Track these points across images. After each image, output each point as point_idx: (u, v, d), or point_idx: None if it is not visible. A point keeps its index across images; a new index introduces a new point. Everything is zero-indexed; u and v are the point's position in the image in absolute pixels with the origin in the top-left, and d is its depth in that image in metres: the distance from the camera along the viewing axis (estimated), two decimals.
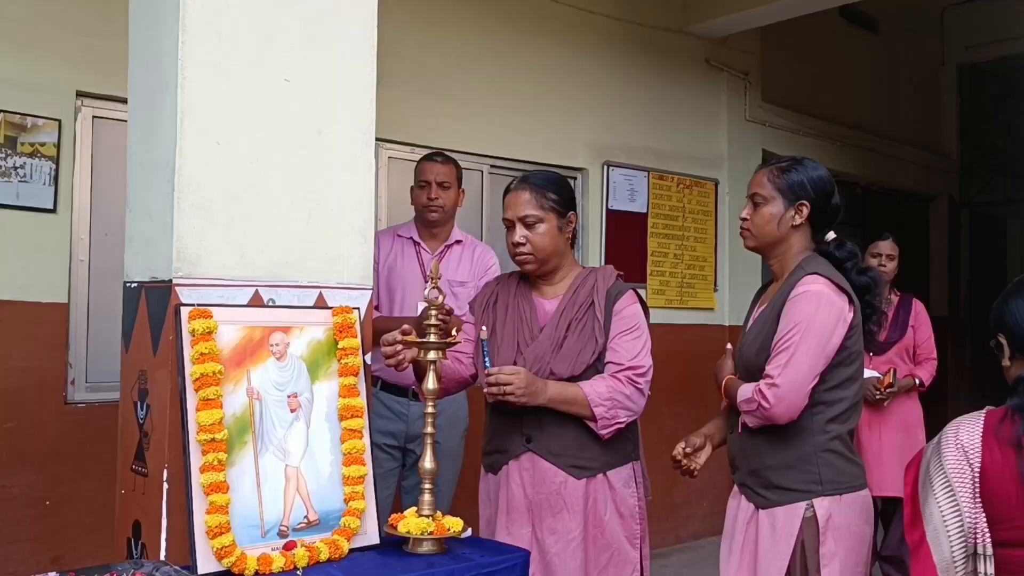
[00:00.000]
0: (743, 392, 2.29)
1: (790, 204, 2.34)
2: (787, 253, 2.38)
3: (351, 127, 2.36)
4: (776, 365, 2.21)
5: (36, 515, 3.41)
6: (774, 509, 2.26)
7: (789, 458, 2.26)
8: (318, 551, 2.03)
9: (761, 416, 2.23)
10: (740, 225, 2.44)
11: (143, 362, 2.14)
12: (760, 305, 2.45)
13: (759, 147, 6.33)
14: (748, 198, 2.41)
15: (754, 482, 2.32)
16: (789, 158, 2.43)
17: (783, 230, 2.36)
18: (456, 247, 3.61)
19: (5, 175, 3.36)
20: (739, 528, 2.33)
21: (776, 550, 2.23)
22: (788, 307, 2.25)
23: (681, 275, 5.77)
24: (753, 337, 2.37)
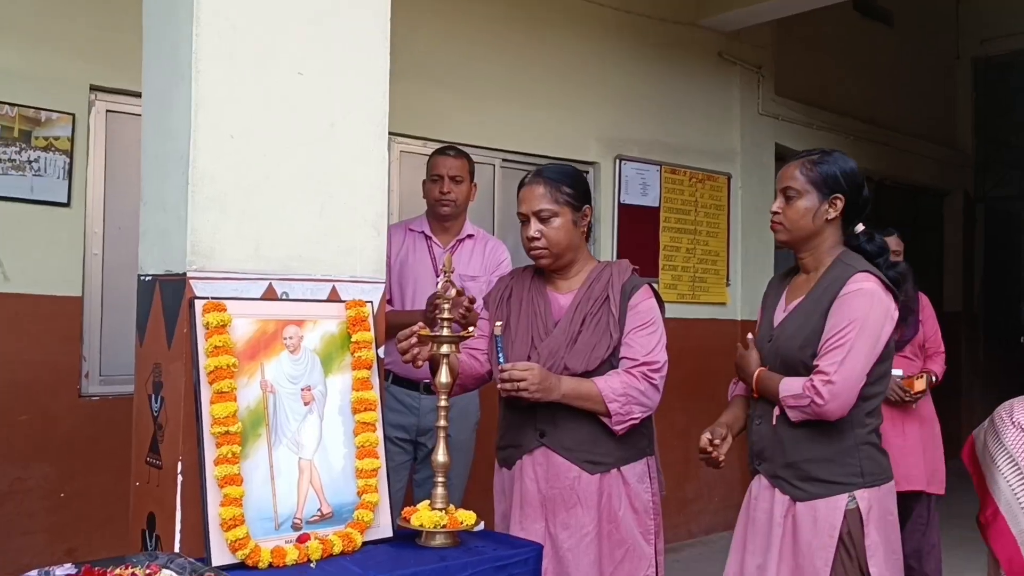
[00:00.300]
0: (790, 387, 2.28)
1: (824, 198, 2.34)
2: (820, 247, 2.38)
3: (364, 120, 2.36)
4: (832, 362, 2.22)
5: (50, 507, 3.43)
6: (815, 502, 2.27)
7: (830, 451, 2.27)
8: (331, 544, 2.03)
9: (812, 412, 2.24)
10: (772, 219, 2.42)
11: (157, 355, 2.15)
12: (792, 298, 2.43)
13: (772, 141, 6.31)
14: (779, 192, 2.40)
15: (792, 475, 2.31)
16: (818, 151, 2.42)
17: (818, 224, 2.35)
18: (468, 241, 3.60)
19: (19, 169, 3.37)
20: (776, 522, 2.32)
21: (819, 542, 2.24)
22: (840, 304, 2.26)
23: (693, 269, 5.75)
24: (794, 331, 2.35)
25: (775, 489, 2.35)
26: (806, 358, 2.29)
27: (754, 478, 2.44)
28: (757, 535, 2.38)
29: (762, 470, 2.40)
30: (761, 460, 2.40)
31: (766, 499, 2.38)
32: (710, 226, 5.85)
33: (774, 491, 2.36)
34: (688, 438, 5.80)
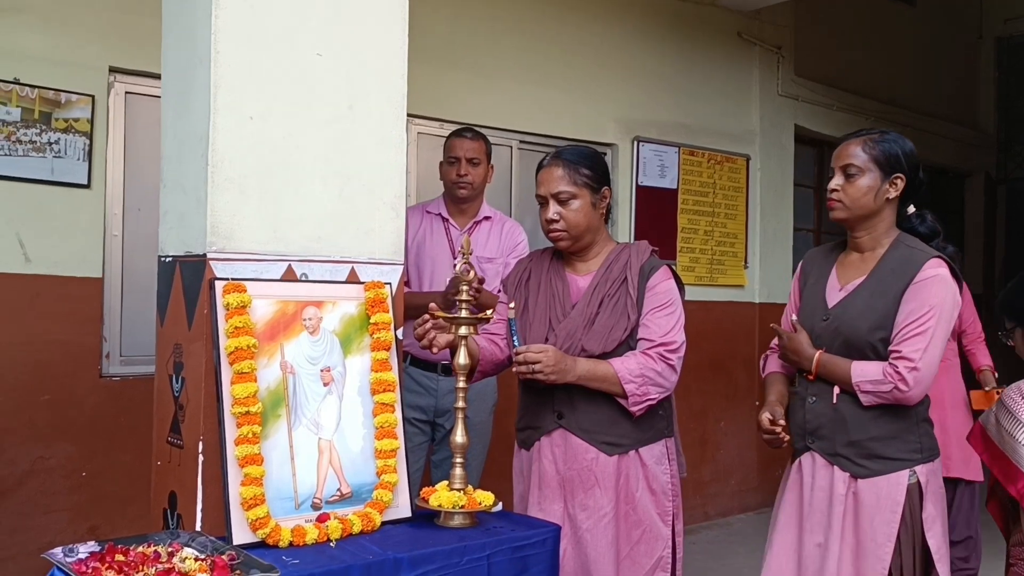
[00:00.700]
0: (865, 372, 2.29)
1: (886, 177, 2.34)
2: (878, 227, 2.38)
3: (383, 102, 2.36)
4: (916, 348, 2.24)
5: (73, 486, 3.47)
6: (876, 479, 2.31)
7: (893, 429, 2.31)
8: (351, 523, 2.05)
9: (893, 398, 2.27)
10: (829, 196, 2.40)
11: (178, 335, 2.17)
12: (848, 278, 2.42)
13: (791, 122, 6.25)
14: (839, 169, 2.38)
15: (854, 453, 2.33)
16: (877, 130, 2.42)
17: (878, 203, 2.36)
18: (485, 223, 3.60)
19: (40, 151, 3.39)
20: (836, 499, 2.34)
21: (882, 517, 2.28)
22: (919, 289, 2.27)
23: (711, 252, 5.72)
24: (860, 311, 2.35)
25: (834, 467, 2.36)
26: (875, 340, 2.31)
27: (802, 456, 2.44)
28: (815, 513, 2.38)
29: (817, 448, 2.40)
30: (816, 438, 2.40)
31: (824, 477, 2.38)
32: (728, 208, 5.82)
33: (833, 469, 2.37)
34: (705, 420, 5.81)
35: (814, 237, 6.85)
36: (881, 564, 2.27)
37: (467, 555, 2.03)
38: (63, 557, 1.74)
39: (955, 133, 8.37)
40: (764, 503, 5.90)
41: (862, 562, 2.30)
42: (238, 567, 1.72)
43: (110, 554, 1.75)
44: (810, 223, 6.86)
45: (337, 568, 1.84)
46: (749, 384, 5.87)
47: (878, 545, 2.27)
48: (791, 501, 2.47)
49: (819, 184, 6.92)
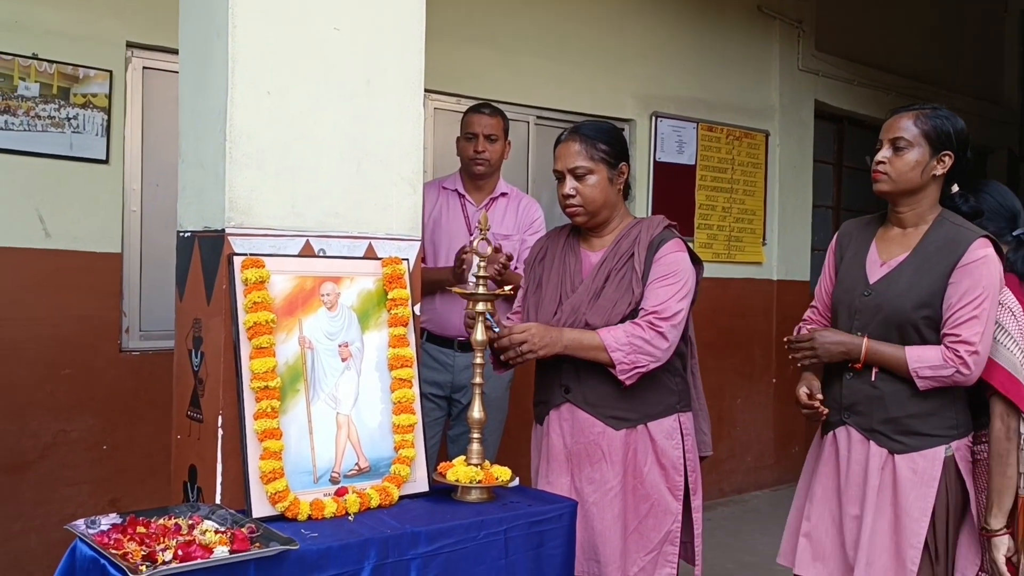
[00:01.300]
0: (923, 357, 2.28)
1: (935, 153, 2.33)
2: (922, 203, 2.37)
3: (400, 76, 2.35)
4: (975, 332, 2.23)
5: (94, 459, 3.51)
6: (913, 454, 2.32)
7: (932, 406, 2.31)
8: (369, 497, 2.06)
9: (954, 381, 2.27)
10: (874, 168, 2.37)
11: (197, 310, 2.18)
12: (890, 253, 2.40)
13: (812, 98, 6.18)
14: (887, 141, 2.36)
15: (891, 429, 2.34)
16: (930, 105, 2.39)
17: (924, 179, 2.34)
18: (501, 199, 3.59)
19: (59, 126, 3.40)
20: (872, 474, 2.35)
21: (918, 492, 2.29)
22: (971, 271, 2.26)
23: (729, 228, 5.69)
24: (904, 289, 2.33)
25: (870, 442, 2.37)
26: (918, 318, 2.30)
27: (837, 429, 2.44)
28: (851, 486, 2.40)
29: (853, 423, 2.40)
30: (852, 414, 2.40)
31: (860, 452, 2.39)
32: (747, 184, 5.78)
33: (869, 444, 2.37)
34: (722, 397, 5.79)
35: (833, 214, 6.80)
36: (916, 538, 2.28)
37: (484, 530, 2.04)
38: (86, 529, 1.76)
39: (978, 108, 8.25)
40: (780, 480, 5.90)
41: (898, 535, 2.31)
42: (258, 540, 1.74)
43: (132, 526, 1.77)
44: (829, 200, 6.80)
45: (355, 542, 1.86)
46: (766, 362, 5.85)
47: (914, 520, 2.29)
48: (827, 474, 2.47)
49: (839, 160, 6.86)
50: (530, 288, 2.60)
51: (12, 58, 3.30)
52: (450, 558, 1.98)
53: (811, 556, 2.47)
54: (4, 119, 3.28)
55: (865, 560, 2.32)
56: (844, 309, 2.44)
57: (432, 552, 1.95)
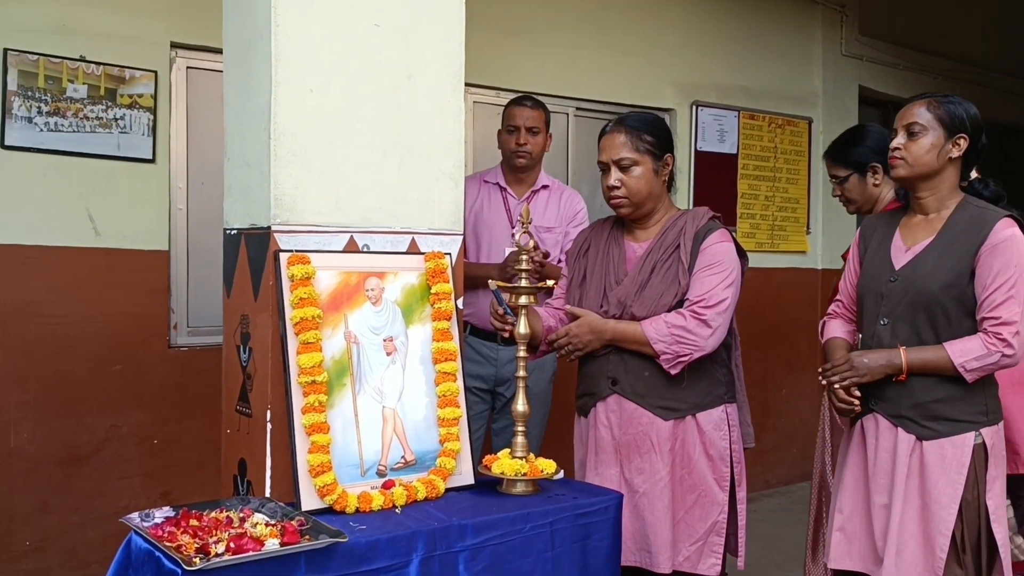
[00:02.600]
0: (967, 350, 2.25)
1: (949, 136, 2.35)
2: (941, 186, 2.38)
3: (441, 71, 2.36)
4: (1014, 312, 2.23)
5: (145, 453, 3.58)
6: (941, 440, 2.30)
7: (960, 391, 2.30)
8: (415, 490, 2.08)
9: (1000, 366, 2.26)
10: (891, 154, 2.40)
11: (244, 306, 2.21)
12: (914, 239, 2.40)
13: (856, 83, 6.08)
14: (902, 128, 2.39)
15: (918, 415, 2.33)
16: (940, 94, 2.42)
17: (940, 162, 2.36)
18: (543, 192, 3.58)
19: (106, 127, 3.46)
20: (900, 461, 2.34)
21: (948, 478, 2.28)
22: (1000, 251, 2.26)
23: (772, 217, 5.62)
24: (931, 271, 2.33)
25: (898, 429, 2.36)
26: (946, 299, 2.30)
27: (865, 417, 2.43)
28: (879, 475, 2.39)
29: (881, 410, 2.39)
30: (880, 400, 2.39)
31: (888, 439, 2.37)
32: (790, 173, 5.70)
33: (897, 431, 2.36)
34: (765, 388, 5.73)
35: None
36: (945, 525, 2.26)
37: (530, 522, 2.05)
38: (140, 521, 1.80)
39: None
40: None
41: (927, 523, 2.29)
42: (307, 532, 1.76)
43: (184, 519, 1.80)
44: None
45: (403, 534, 1.87)
46: (811, 352, 5.78)
47: (942, 507, 2.27)
48: (856, 463, 2.47)
49: None
50: (574, 280, 2.60)
51: (61, 61, 3.36)
52: (497, 550, 1.99)
53: (844, 549, 2.46)
54: (54, 120, 3.35)
55: (894, 549, 2.31)
56: (871, 297, 2.43)
57: (479, 544, 1.96)
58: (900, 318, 2.35)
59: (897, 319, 2.36)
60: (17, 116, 3.28)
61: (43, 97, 3.33)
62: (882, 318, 2.38)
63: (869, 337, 2.42)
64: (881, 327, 2.38)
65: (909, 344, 2.33)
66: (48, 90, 3.34)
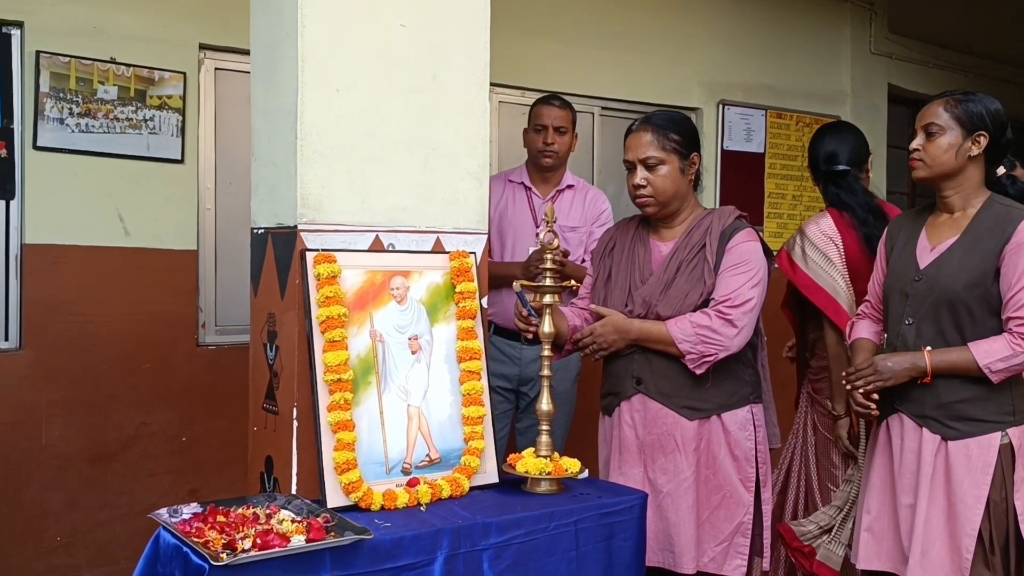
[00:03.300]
0: (993, 350, 2.23)
1: (968, 135, 2.33)
2: (964, 185, 2.37)
3: (465, 71, 2.36)
4: None
5: (173, 450, 3.61)
6: (967, 440, 2.29)
7: (985, 391, 2.28)
8: (440, 488, 2.09)
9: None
10: (911, 156, 2.40)
11: (271, 305, 2.22)
12: (939, 238, 2.39)
13: (885, 82, 6.01)
14: (920, 128, 2.39)
15: (943, 415, 2.31)
16: (962, 91, 2.40)
17: (960, 161, 2.34)
18: (568, 192, 3.58)
19: (136, 128, 3.51)
20: (925, 461, 2.32)
21: (973, 479, 2.26)
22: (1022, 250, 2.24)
23: (800, 217, 5.57)
24: (955, 270, 2.32)
25: (923, 429, 2.34)
26: (970, 298, 2.28)
27: (890, 418, 2.42)
28: (905, 475, 2.37)
29: (905, 410, 2.38)
30: (904, 400, 2.38)
31: (913, 439, 2.36)
32: None
33: (921, 431, 2.34)
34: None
35: (908, 200, 6.61)
36: (971, 526, 2.24)
37: (554, 521, 2.05)
38: (168, 517, 1.82)
39: None
40: None
41: (953, 524, 2.27)
42: (333, 529, 1.77)
43: (212, 515, 1.82)
44: (904, 186, 6.61)
45: (428, 532, 1.88)
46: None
47: (968, 507, 2.25)
48: (882, 464, 2.45)
49: None
50: (599, 280, 2.59)
51: (91, 63, 3.41)
52: (521, 549, 1.99)
53: (873, 549, 2.45)
54: (85, 122, 3.40)
55: (920, 549, 2.30)
56: (896, 297, 2.42)
57: (504, 543, 1.96)
58: (925, 318, 2.34)
59: (922, 319, 2.34)
60: (49, 117, 3.33)
61: (74, 99, 3.38)
62: (907, 318, 2.36)
63: (894, 337, 2.41)
64: (906, 327, 2.37)
65: (934, 344, 2.31)
66: (79, 91, 3.39)
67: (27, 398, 3.32)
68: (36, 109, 3.31)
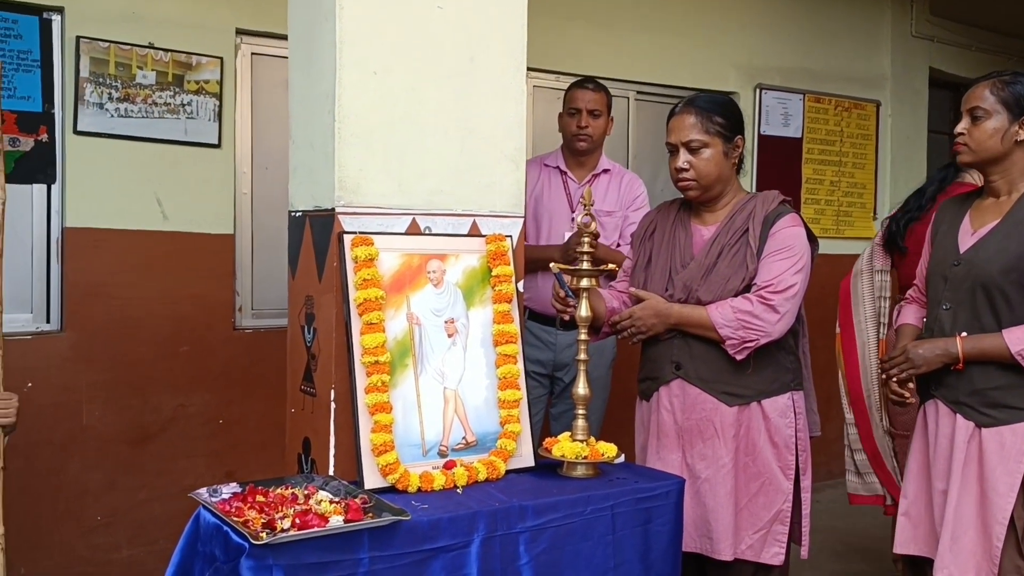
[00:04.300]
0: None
1: (1015, 118, 2.29)
2: (1011, 170, 2.33)
3: (503, 54, 2.35)
4: None
5: (210, 433, 3.65)
6: (1001, 428, 2.25)
7: (1020, 379, 2.25)
8: (476, 471, 2.09)
9: None
10: (955, 140, 2.37)
11: (309, 288, 2.23)
12: (981, 222, 2.36)
13: (926, 65, 5.89)
14: (965, 112, 2.35)
15: (977, 401, 2.29)
16: (1009, 71, 2.36)
17: (1006, 145, 2.31)
18: (603, 176, 3.55)
19: (174, 112, 3.53)
20: (958, 447, 2.30)
21: (1006, 467, 2.23)
22: None
23: (838, 203, 5.50)
24: (992, 254, 2.29)
25: (956, 415, 2.32)
26: (1006, 283, 2.25)
27: (927, 403, 2.41)
28: (939, 460, 2.36)
29: (940, 396, 2.36)
30: (939, 386, 2.35)
31: (947, 425, 2.34)
32: (856, 157, 5.57)
33: (955, 417, 2.32)
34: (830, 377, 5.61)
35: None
36: (1003, 514, 2.22)
37: (591, 505, 2.04)
38: (208, 497, 1.83)
39: None
40: None
41: (984, 511, 2.25)
42: (371, 510, 1.78)
43: (251, 495, 1.83)
44: None
45: (464, 514, 1.88)
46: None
47: (1000, 495, 2.22)
48: (920, 449, 2.45)
49: None
50: (639, 263, 2.57)
51: (130, 48, 3.43)
52: (557, 532, 1.98)
53: (910, 534, 2.44)
54: (124, 106, 3.43)
55: (950, 535, 2.28)
56: (936, 281, 2.40)
57: (540, 526, 1.96)
58: (961, 303, 2.31)
59: (958, 304, 2.31)
60: (89, 102, 3.37)
61: (114, 83, 3.41)
62: (944, 303, 2.34)
63: (932, 321, 2.38)
64: (943, 312, 2.34)
65: (970, 330, 2.28)
66: (118, 76, 3.42)
67: (68, 380, 3.37)
68: (76, 94, 3.34)
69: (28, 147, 3.31)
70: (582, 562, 2.02)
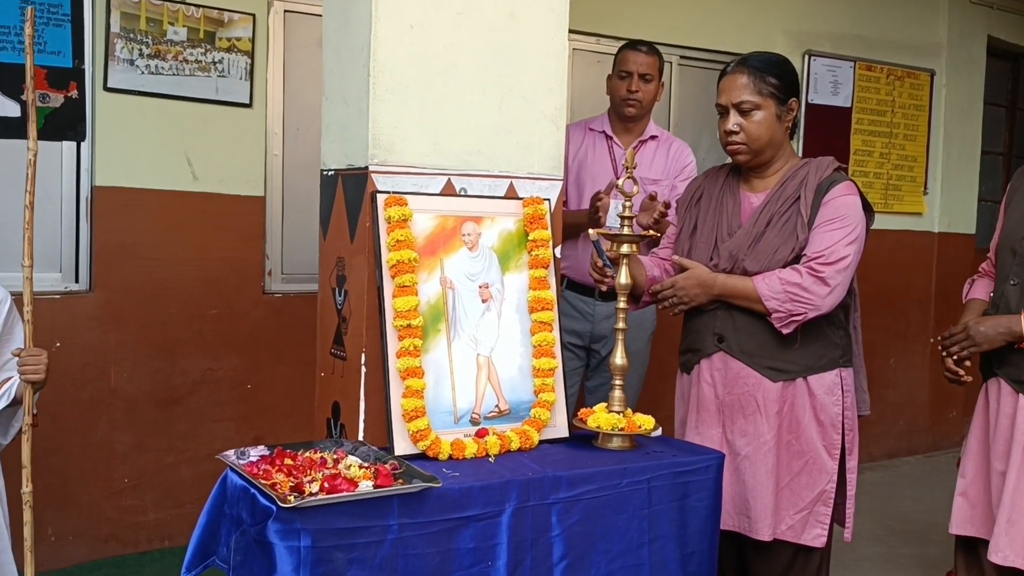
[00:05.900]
0: None
1: None
2: None
3: (544, 9, 2.26)
4: None
5: (239, 397, 3.62)
6: None
7: None
8: (509, 440, 2.02)
9: None
10: None
11: (340, 249, 2.16)
12: None
13: (984, 33, 5.66)
14: None
15: None
16: None
17: None
18: (651, 143, 3.43)
19: (205, 70, 3.46)
20: (1019, 428, 2.24)
21: None
22: None
23: (887, 176, 5.33)
24: None
25: (1018, 395, 2.24)
26: None
27: (989, 381, 2.34)
28: (999, 440, 2.28)
29: (1003, 375, 2.28)
30: (1003, 364, 2.27)
31: (1008, 405, 2.27)
32: (908, 128, 5.39)
33: (1017, 397, 2.25)
34: (874, 356, 5.47)
35: (1004, 161, 6.28)
36: None
37: (627, 478, 1.98)
38: (236, 459, 1.79)
39: None
40: (935, 446, 5.56)
41: None
42: (401, 476, 1.73)
43: (279, 458, 1.78)
44: (1000, 146, 6.27)
45: (496, 483, 1.82)
46: (923, 320, 5.50)
47: None
48: (980, 427, 2.37)
49: (1013, 102, 6.30)
50: (684, 230, 2.47)
51: (161, 3, 3.37)
52: (591, 504, 1.92)
53: (967, 515, 2.37)
54: (155, 63, 3.37)
55: (1006, 517, 2.21)
56: (1006, 255, 2.30)
57: (573, 497, 1.90)
58: None
59: None
60: (120, 59, 3.31)
61: (144, 40, 3.35)
62: (1012, 278, 2.22)
63: (998, 297, 2.27)
64: (1011, 287, 2.22)
65: None
66: (149, 32, 3.35)
67: (96, 340, 3.34)
68: (107, 50, 3.28)
69: (58, 103, 3.26)
70: (616, 535, 1.95)
